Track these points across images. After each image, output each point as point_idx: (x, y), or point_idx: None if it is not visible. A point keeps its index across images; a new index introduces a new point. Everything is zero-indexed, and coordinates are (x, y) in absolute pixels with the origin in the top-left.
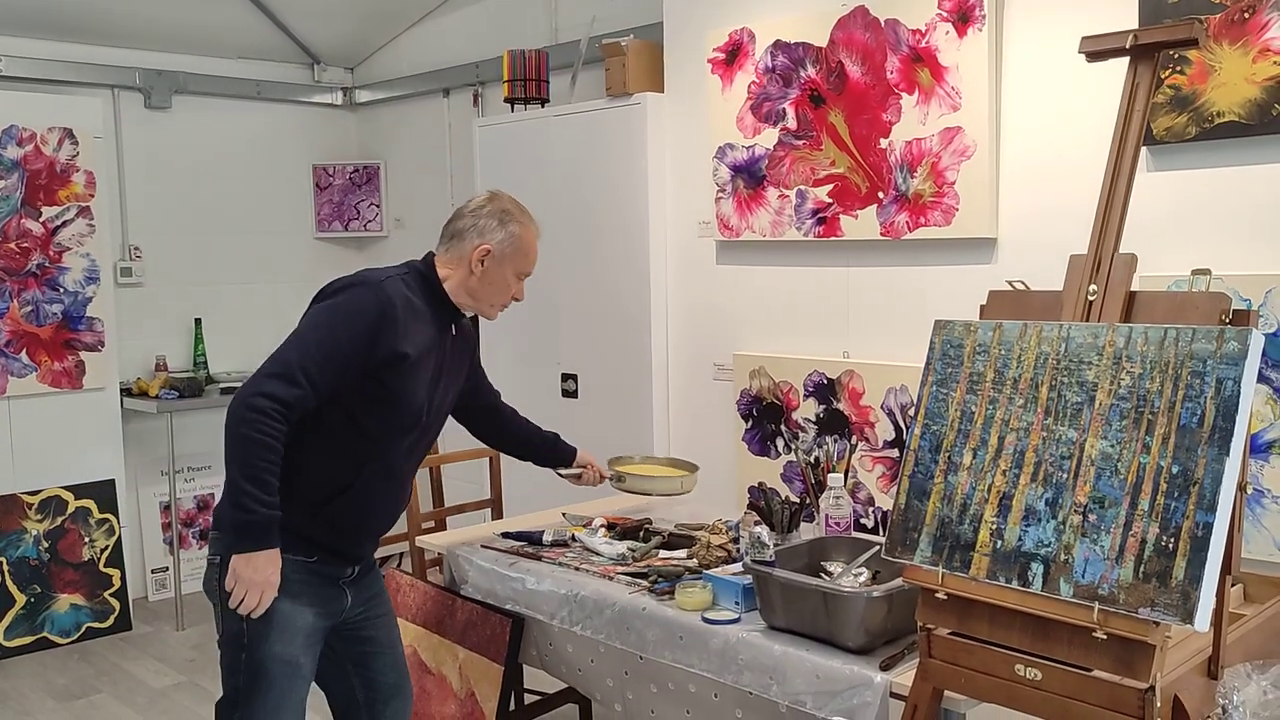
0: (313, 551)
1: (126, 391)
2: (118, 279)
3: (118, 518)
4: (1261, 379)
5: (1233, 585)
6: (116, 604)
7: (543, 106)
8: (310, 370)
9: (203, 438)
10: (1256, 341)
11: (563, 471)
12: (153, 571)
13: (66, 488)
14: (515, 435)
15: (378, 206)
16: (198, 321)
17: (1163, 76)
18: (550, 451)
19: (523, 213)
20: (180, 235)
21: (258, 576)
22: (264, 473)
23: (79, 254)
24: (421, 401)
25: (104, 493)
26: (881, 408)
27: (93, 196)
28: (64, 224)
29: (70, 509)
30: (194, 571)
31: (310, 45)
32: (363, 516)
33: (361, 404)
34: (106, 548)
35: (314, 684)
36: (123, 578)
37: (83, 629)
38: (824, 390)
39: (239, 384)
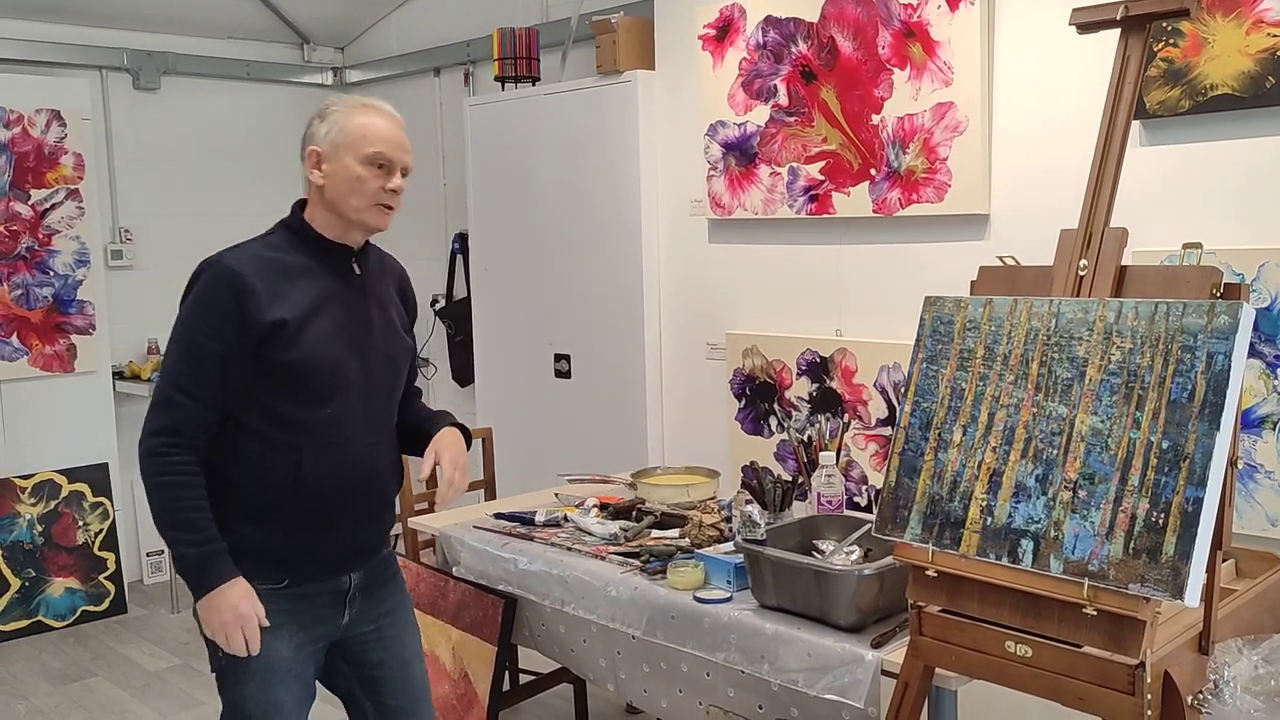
0: (280, 573)
1: (119, 375)
2: (108, 262)
3: (111, 501)
4: (1255, 353)
5: (1224, 561)
6: (111, 587)
7: (533, 85)
8: (185, 385)
9: None
10: (1247, 315)
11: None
12: (148, 555)
13: (60, 471)
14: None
15: None
16: None
17: (1155, 49)
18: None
19: (346, 100)
20: (171, 217)
21: (224, 615)
22: (185, 511)
23: (68, 236)
24: (331, 357)
25: (97, 476)
26: (874, 385)
27: (81, 179)
28: (53, 207)
29: (64, 493)
30: None
31: (300, 25)
32: (321, 502)
33: (268, 388)
34: (101, 531)
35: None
36: (117, 561)
37: (78, 612)
38: (817, 369)
39: None
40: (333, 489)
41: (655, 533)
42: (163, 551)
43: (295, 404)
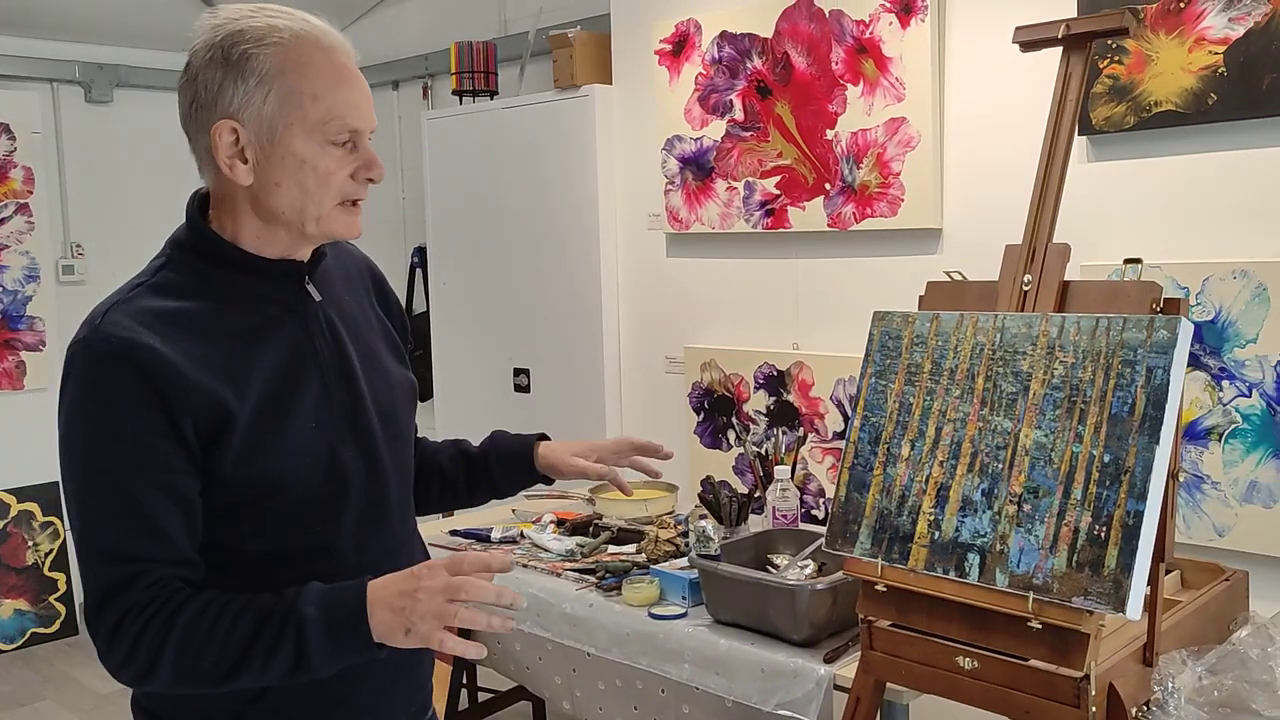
0: None
1: None
2: (59, 277)
3: (62, 520)
4: (1200, 366)
5: (1168, 572)
6: (62, 609)
7: (491, 99)
8: (110, 545)
9: None
10: (1185, 330)
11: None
12: None
13: (8, 490)
14: (444, 458)
15: None
16: None
17: (1101, 66)
18: (505, 455)
19: (274, 29)
20: (125, 232)
21: (405, 621)
22: (220, 654)
23: (18, 251)
24: (314, 460)
25: (47, 495)
26: (831, 399)
27: (31, 193)
28: (2, 221)
29: (13, 512)
30: None
31: None
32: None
33: (223, 521)
34: (51, 551)
35: None
36: (68, 581)
37: (27, 634)
38: (774, 382)
39: None
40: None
41: (612, 548)
42: None
43: (263, 539)
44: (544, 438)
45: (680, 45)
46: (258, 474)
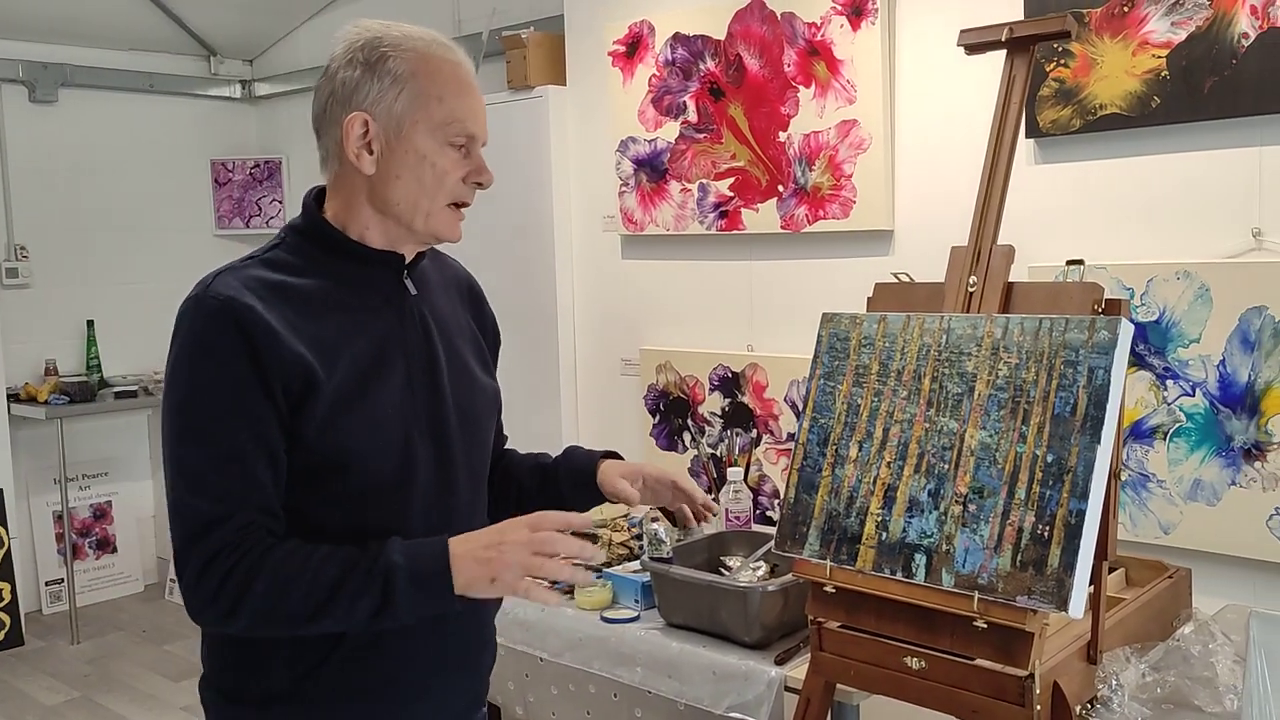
0: None
1: (14, 397)
2: (3, 280)
3: (7, 529)
4: (1145, 366)
5: (1111, 571)
6: (7, 619)
7: None
8: (205, 486)
9: (97, 444)
10: (1126, 330)
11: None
12: (47, 584)
13: None
14: (524, 469)
15: (280, 202)
16: (90, 323)
17: (1048, 70)
18: (573, 472)
19: (409, 37)
20: (70, 234)
21: (490, 571)
22: (306, 594)
23: None
24: (388, 442)
25: None
26: (785, 400)
27: None
28: None
29: None
30: (90, 583)
31: (205, 37)
32: (390, 665)
33: (293, 488)
34: None
35: None
36: (13, 591)
37: None
38: (729, 384)
39: (135, 388)
40: (419, 648)
41: None
42: (62, 580)
43: (332, 512)
44: (611, 455)
45: (634, 47)
46: (335, 446)
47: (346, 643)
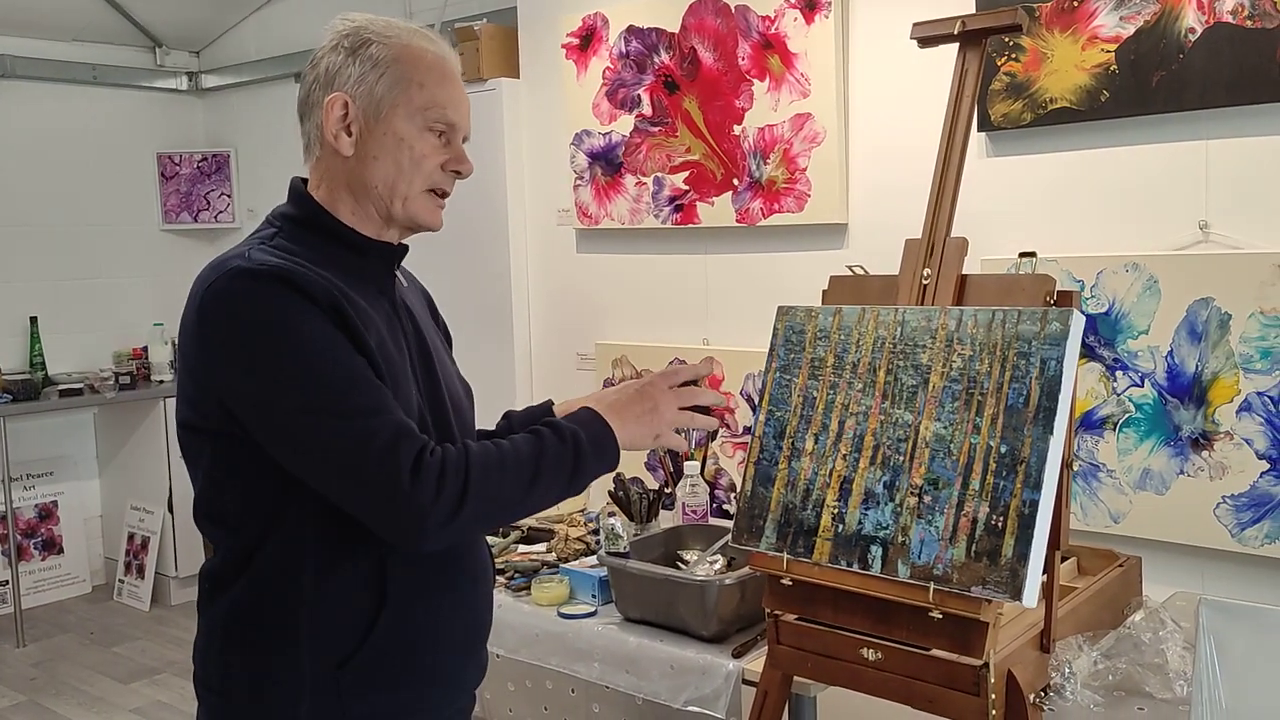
0: None
1: None
2: None
3: None
4: (1095, 357)
5: (1064, 560)
6: None
7: None
8: (369, 402)
9: (42, 443)
10: (1077, 322)
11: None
12: None
13: None
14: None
15: (229, 196)
16: (33, 320)
17: (999, 64)
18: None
19: (393, 26)
20: (11, 229)
21: (647, 428)
22: (516, 471)
23: None
24: (414, 399)
25: None
26: (741, 394)
27: None
28: None
29: None
30: (35, 584)
31: (151, 27)
32: (431, 650)
33: None
34: None
35: None
36: None
37: None
38: None
39: (80, 386)
40: (442, 630)
41: (522, 548)
42: (7, 582)
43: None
44: (552, 403)
45: (587, 39)
46: None
47: (382, 623)
